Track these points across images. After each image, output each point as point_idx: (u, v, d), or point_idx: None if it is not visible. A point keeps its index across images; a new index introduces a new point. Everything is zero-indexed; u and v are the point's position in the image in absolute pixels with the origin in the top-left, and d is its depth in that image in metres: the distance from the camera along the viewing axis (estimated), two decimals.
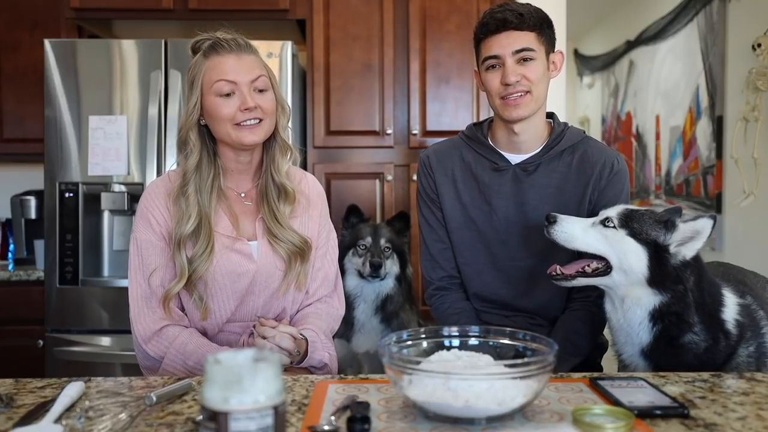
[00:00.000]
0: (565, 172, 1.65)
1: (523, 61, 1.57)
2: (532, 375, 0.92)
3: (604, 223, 1.39)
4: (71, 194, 2.63)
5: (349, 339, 2.27)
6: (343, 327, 2.26)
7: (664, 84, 4.20)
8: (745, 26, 3.18)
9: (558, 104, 2.86)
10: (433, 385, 0.92)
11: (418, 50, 2.88)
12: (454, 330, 1.13)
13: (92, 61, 2.65)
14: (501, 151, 1.68)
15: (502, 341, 1.10)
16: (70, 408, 1.03)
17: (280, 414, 0.73)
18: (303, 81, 2.94)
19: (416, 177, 1.96)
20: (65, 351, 2.63)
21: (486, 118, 1.82)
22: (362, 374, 1.51)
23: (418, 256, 1.90)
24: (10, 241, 3.05)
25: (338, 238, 1.68)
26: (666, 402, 1.01)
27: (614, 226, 1.37)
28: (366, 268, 2.24)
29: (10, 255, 3.05)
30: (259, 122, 1.45)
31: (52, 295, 2.64)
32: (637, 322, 1.35)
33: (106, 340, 2.65)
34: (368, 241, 2.29)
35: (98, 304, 2.64)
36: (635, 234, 1.34)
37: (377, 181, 2.89)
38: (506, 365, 0.95)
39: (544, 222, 1.44)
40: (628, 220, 1.36)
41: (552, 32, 1.63)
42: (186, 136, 1.47)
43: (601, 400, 1.05)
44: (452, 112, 2.89)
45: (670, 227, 1.33)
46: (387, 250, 2.29)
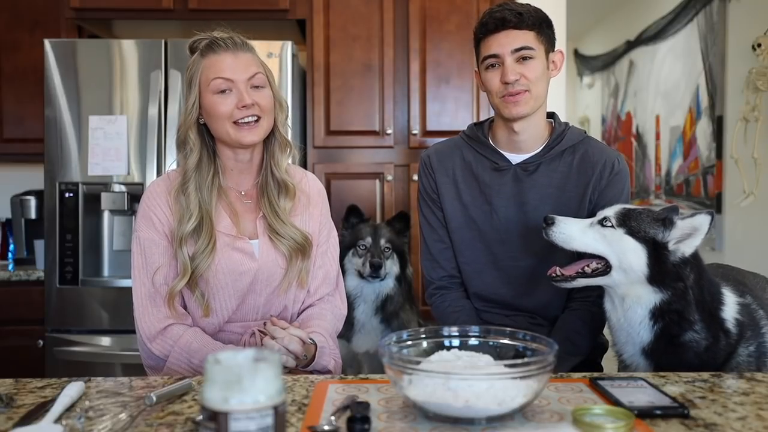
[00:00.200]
0: (566, 172, 1.65)
1: (522, 59, 1.57)
2: (532, 375, 0.92)
3: (602, 222, 1.39)
4: (71, 194, 2.63)
5: (349, 339, 2.27)
6: (344, 327, 2.23)
7: (664, 84, 4.20)
8: (745, 26, 3.18)
9: (558, 104, 2.86)
10: (433, 385, 0.92)
11: (418, 50, 2.88)
12: (454, 330, 1.12)
13: (92, 61, 2.66)
14: (501, 150, 1.68)
15: (502, 341, 1.10)
16: (70, 408, 1.03)
17: (280, 414, 0.73)
18: (303, 81, 2.94)
19: (417, 177, 1.96)
20: (65, 351, 2.63)
21: (486, 118, 1.83)
22: (362, 374, 1.51)
23: (418, 256, 1.90)
24: (10, 241, 3.05)
25: (338, 238, 1.68)
26: (666, 402, 1.01)
27: (612, 226, 1.37)
28: (366, 268, 2.24)
29: (10, 255, 3.05)
30: (257, 120, 1.45)
31: (52, 295, 2.64)
32: (637, 321, 1.34)
33: (106, 340, 2.65)
34: (368, 241, 2.29)
35: (98, 304, 2.64)
36: (633, 232, 1.34)
37: (377, 181, 2.89)
38: (506, 365, 0.95)
39: (542, 224, 1.44)
40: (626, 219, 1.36)
41: (551, 32, 1.63)
42: (185, 136, 1.47)
43: (601, 400, 1.05)
44: (452, 112, 2.89)
45: (668, 224, 1.33)
46: (387, 251, 2.29)
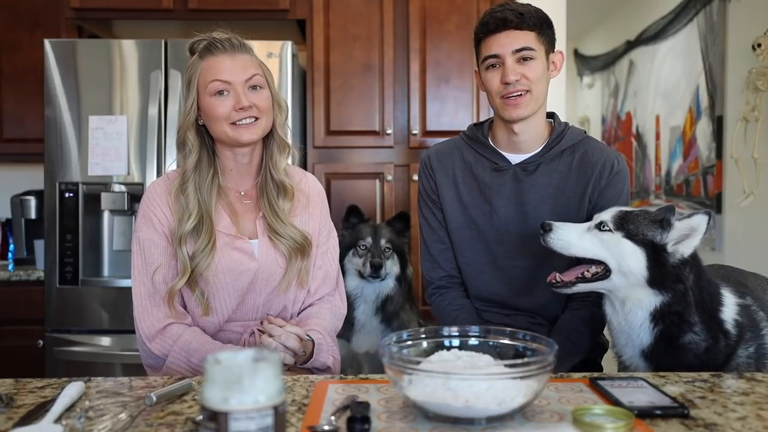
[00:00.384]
0: (566, 172, 1.65)
1: (523, 60, 1.57)
2: (532, 375, 0.92)
3: (599, 227, 1.37)
4: (71, 194, 2.63)
5: (350, 339, 2.27)
6: (344, 327, 2.23)
7: (664, 84, 4.20)
8: (745, 26, 3.18)
9: (558, 104, 2.86)
10: (433, 385, 0.92)
11: (418, 50, 2.88)
12: (454, 330, 1.12)
13: (92, 61, 2.66)
14: (501, 151, 1.68)
15: (502, 341, 1.10)
16: (70, 408, 1.03)
17: (280, 414, 0.73)
18: (303, 81, 2.94)
19: (417, 177, 1.96)
20: (65, 351, 2.63)
21: (486, 118, 1.83)
22: (362, 374, 1.51)
23: (418, 257, 1.90)
24: (10, 241, 3.05)
25: (338, 239, 1.69)
26: (666, 402, 1.01)
27: (610, 230, 1.36)
28: (366, 268, 2.24)
29: (10, 255, 3.05)
30: (255, 120, 1.46)
31: (52, 295, 2.64)
32: (638, 323, 1.34)
33: (106, 340, 2.65)
34: (368, 241, 2.29)
35: (98, 304, 2.64)
36: (631, 236, 1.33)
37: (377, 181, 2.89)
38: (506, 365, 0.95)
39: (540, 231, 1.43)
40: (624, 222, 1.35)
41: (552, 32, 1.63)
42: (184, 136, 1.48)
43: (601, 400, 1.05)
44: (452, 112, 2.89)
45: (666, 226, 1.32)
46: (387, 251, 2.29)
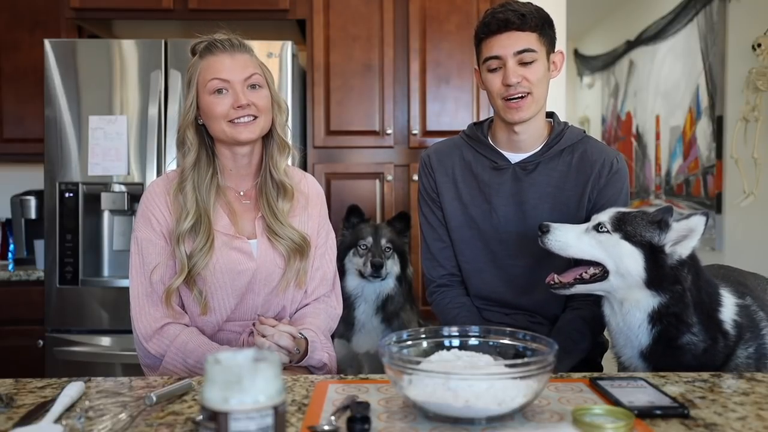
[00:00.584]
0: (565, 171, 1.65)
1: (525, 62, 1.56)
2: (532, 375, 0.92)
3: (597, 228, 1.37)
4: (71, 194, 2.63)
5: (350, 339, 2.27)
6: (344, 327, 2.26)
7: (664, 84, 4.20)
8: (745, 26, 3.18)
9: (558, 104, 2.86)
10: (433, 385, 0.92)
11: (418, 50, 2.88)
12: (454, 330, 1.12)
13: (92, 61, 2.66)
14: (501, 150, 1.68)
15: (502, 341, 1.10)
16: (70, 408, 1.03)
17: (280, 414, 0.73)
18: (303, 81, 2.94)
19: (417, 177, 1.96)
20: (65, 351, 2.63)
21: (486, 117, 1.83)
22: (362, 374, 1.51)
23: (418, 256, 1.90)
24: (10, 241, 3.05)
25: (339, 238, 1.69)
26: (666, 402, 1.01)
27: (608, 231, 1.35)
28: (367, 268, 2.24)
29: (10, 255, 3.05)
30: (254, 119, 1.46)
31: (52, 295, 2.64)
32: (636, 324, 1.34)
33: (106, 340, 2.65)
34: (369, 241, 2.29)
35: (98, 304, 2.64)
36: (629, 237, 1.33)
37: (377, 181, 2.89)
38: (506, 365, 0.95)
39: (538, 232, 1.43)
40: (621, 224, 1.35)
41: (553, 32, 1.63)
42: (184, 135, 1.49)
43: (601, 400, 1.05)
44: (452, 112, 2.89)
45: (664, 227, 1.32)
46: (388, 250, 2.29)
